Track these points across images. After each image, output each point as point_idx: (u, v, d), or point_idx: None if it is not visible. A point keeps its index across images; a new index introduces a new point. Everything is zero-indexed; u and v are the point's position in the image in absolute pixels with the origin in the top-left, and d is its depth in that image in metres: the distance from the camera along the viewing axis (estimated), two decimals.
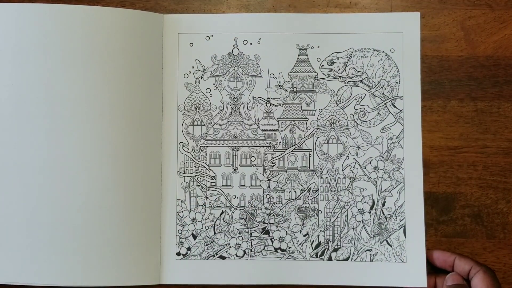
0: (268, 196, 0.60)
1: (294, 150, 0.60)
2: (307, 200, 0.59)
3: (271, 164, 0.60)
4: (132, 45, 0.57)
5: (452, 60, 0.60)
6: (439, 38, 0.60)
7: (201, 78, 0.60)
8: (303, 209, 0.59)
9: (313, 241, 0.59)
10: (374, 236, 0.59)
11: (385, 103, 0.59)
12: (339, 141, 0.59)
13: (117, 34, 0.56)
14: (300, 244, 0.59)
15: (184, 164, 0.60)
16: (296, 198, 0.59)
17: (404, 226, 0.58)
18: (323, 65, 0.60)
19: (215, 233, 0.59)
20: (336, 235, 0.59)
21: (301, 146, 0.60)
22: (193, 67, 0.60)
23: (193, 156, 0.60)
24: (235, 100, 0.60)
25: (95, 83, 0.56)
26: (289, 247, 0.59)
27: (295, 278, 0.58)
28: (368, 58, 0.59)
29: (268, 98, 0.60)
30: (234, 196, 0.60)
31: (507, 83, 0.59)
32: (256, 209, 0.59)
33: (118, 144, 0.56)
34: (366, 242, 0.58)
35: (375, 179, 0.59)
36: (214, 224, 0.59)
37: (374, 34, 0.60)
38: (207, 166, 0.60)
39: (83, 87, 0.56)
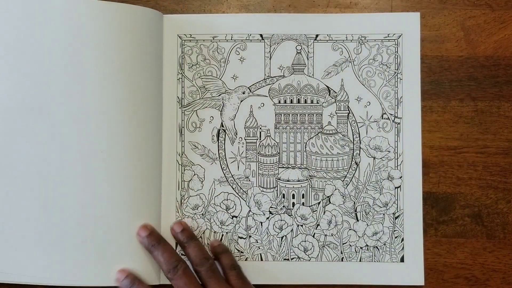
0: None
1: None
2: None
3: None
4: (133, 40, 0.56)
5: (452, 60, 0.60)
6: (439, 38, 0.60)
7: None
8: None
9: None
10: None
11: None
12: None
13: (118, 29, 0.56)
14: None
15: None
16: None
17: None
18: None
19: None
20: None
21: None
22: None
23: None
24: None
25: (94, 77, 0.55)
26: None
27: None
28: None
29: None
30: None
31: (507, 83, 0.59)
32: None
33: (118, 142, 0.56)
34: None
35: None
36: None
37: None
38: None
39: (83, 82, 0.55)
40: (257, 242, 0.59)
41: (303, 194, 0.60)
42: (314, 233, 0.59)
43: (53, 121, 0.55)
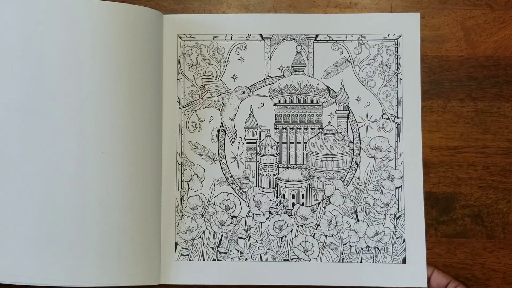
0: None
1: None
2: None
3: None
4: (133, 40, 0.56)
5: (452, 60, 0.60)
6: (439, 38, 0.60)
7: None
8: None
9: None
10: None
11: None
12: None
13: (118, 29, 0.56)
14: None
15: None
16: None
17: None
18: None
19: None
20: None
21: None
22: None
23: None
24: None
25: (94, 77, 0.55)
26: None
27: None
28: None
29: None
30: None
31: (507, 83, 0.59)
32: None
33: (118, 143, 0.56)
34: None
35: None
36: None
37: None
38: None
39: (83, 82, 0.55)
40: (257, 242, 0.59)
41: (303, 194, 0.59)
42: (314, 234, 0.59)
43: (52, 121, 0.55)
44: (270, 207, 0.59)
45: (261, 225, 0.59)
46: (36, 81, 0.55)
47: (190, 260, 0.59)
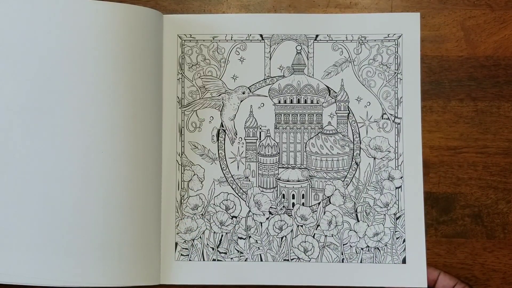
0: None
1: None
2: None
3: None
4: (133, 40, 0.56)
5: (452, 60, 0.60)
6: (439, 38, 0.60)
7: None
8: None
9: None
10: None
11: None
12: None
13: (118, 29, 0.56)
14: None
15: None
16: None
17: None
18: None
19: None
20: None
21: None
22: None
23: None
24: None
25: (95, 77, 0.55)
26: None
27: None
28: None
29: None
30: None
31: (507, 83, 0.59)
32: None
33: (118, 143, 0.56)
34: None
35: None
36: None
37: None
38: None
39: (83, 82, 0.55)
40: (257, 242, 0.59)
41: (303, 194, 0.59)
42: (314, 234, 0.59)
43: (53, 121, 0.55)
44: (270, 207, 0.59)
45: (261, 225, 0.59)
46: (36, 82, 0.55)
47: (190, 260, 0.59)
